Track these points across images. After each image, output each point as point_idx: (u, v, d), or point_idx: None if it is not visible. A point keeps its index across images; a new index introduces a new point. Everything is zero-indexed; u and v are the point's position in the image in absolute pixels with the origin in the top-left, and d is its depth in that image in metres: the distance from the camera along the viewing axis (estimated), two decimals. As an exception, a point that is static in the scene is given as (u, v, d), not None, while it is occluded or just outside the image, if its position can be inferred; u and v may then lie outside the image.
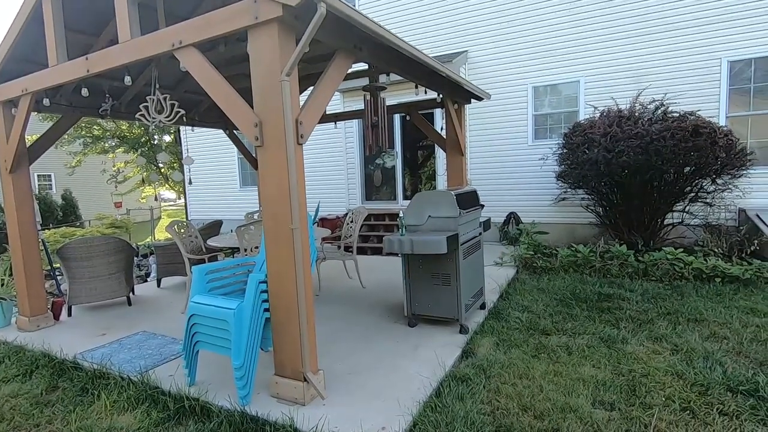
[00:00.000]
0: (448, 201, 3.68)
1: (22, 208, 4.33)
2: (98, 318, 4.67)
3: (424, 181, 10.19)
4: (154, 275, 6.48)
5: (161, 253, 5.84)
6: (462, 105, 5.67)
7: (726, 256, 5.52)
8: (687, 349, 3.26)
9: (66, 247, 4.70)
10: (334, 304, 4.70)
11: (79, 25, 4.16)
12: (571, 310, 4.27)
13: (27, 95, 3.92)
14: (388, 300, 4.76)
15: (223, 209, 11.69)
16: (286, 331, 2.68)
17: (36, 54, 4.05)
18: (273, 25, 2.47)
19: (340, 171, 9.68)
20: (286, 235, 2.61)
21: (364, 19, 2.75)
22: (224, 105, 2.73)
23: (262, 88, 2.56)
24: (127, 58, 3.13)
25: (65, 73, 3.52)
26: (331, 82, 2.88)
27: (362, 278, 5.55)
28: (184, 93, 5.90)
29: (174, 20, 4.12)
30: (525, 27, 7.89)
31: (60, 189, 19.00)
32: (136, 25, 3.16)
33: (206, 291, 3.15)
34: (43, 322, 4.43)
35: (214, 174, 11.80)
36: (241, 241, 4.26)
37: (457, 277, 3.66)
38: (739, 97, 6.69)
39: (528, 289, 5.01)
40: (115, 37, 3.49)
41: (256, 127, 2.59)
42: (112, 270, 4.95)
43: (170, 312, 4.76)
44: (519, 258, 6.15)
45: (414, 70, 4.13)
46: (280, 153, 2.55)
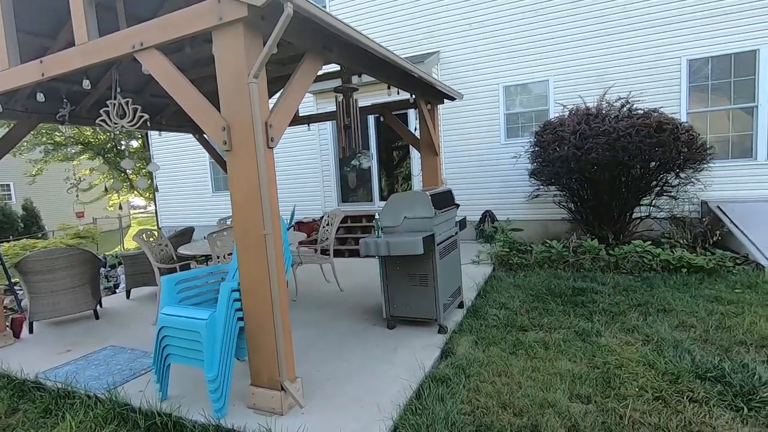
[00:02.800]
0: (423, 201, 3.67)
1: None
2: (62, 334, 4.45)
3: (400, 181, 10.21)
4: (123, 286, 6.24)
5: (130, 263, 5.62)
6: (435, 105, 5.69)
7: (691, 247, 5.73)
8: (657, 339, 3.36)
9: (25, 260, 4.46)
10: (311, 310, 4.62)
11: (32, 26, 3.96)
12: (546, 305, 4.34)
13: (-23, 101, 3.69)
14: (367, 303, 4.72)
15: (195, 215, 11.39)
16: (262, 339, 2.61)
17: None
18: (238, 25, 2.40)
19: (315, 174, 9.58)
20: (258, 241, 2.54)
21: (332, 19, 2.71)
22: (190, 109, 2.64)
23: (229, 91, 2.49)
24: (84, 60, 2.98)
25: (18, 77, 3.33)
26: (301, 83, 2.83)
27: (340, 281, 5.49)
28: (150, 96, 5.70)
29: (135, 22, 3.99)
30: (495, 28, 8.00)
31: (20, 199, 18.12)
32: (94, 26, 3.02)
33: (177, 302, 3.04)
34: (2, 340, 4.18)
35: (184, 179, 11.48)
36: (213, 248, 4.14)
37: (435, 278, 3.65)
38: (698, 94, 6.98)
39: (505, 286, 5.07)
40: (72, 40, 3.34)
41: (223, 131, 2.51)
42: (76, 283, 4.73)
43: (140, 324, 4.58)
44: (495, 256, 6.22)
45: (386, 71, 4.11)
46: (249, 157, 2.48)
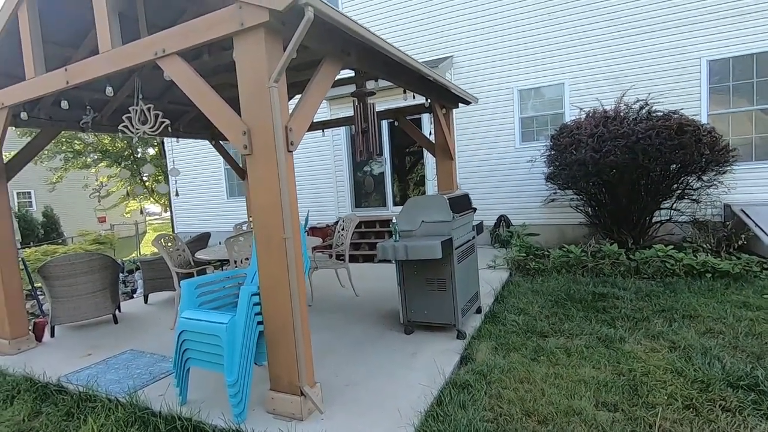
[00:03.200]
0: (441, 205, 3.64)
1: (0, 225, 4.17)
2: (83, 338, 4.51)
3: (412, 187, 10.19)
4: (141, 291, 6.31)
5: (147, 268, 5.68)
6: (450, 109, 5.67)
7: (715, 252, 5.58)
8: (684, 346, 3.26)
9: (47, 265, 4.53)
10: (327, 314, 4.61)
11: (57, 36, 4.06)
12: (566, 310, 4.26)
13: (3, 109, 3.79)
14: (383, 308, 4.69)
15: (210, 221, 11.51)
16: (281, 344, 2.60)
17: (12, 67, 3.92)
18: (259, 30, 2.42)
19: (328, 179, 9.61)
20: (278, 245, 2.53)
21: (352, 23, 2.72)
22: (211, 113, 2.66)
23: (250, 95, 2.50)
24: (108, 68, 3.04)
25: (43, 85, 3.41)
26: (319, 87, 2.84)
27: (355, 286, 5.48)
28: (168, 104, 5.80)
29: (156, 30, 4.07)
30: (508, 31, 7.97)
31: (40, 206, 18.55)
32: (117, 34, 3.08)
33: (196, 306, 3.05)
34: (25, 344, 4.25)
35: (200, 185, 11.62)
36: (231, 252, 4.16)
37: (453, 282, 3.61)
38: (719, 95, 6.83)
39: (523, 292, 4.99)
40: (96, 48, 3.41)
41: (244, 135, 2.52)
42: (96, 287, 4.80)
43: (158, 328, 4.62)
44: (512, 260, 6.14)
45: (402, 75, 4.11)
46: (270, 161, 2.49)
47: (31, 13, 3.50)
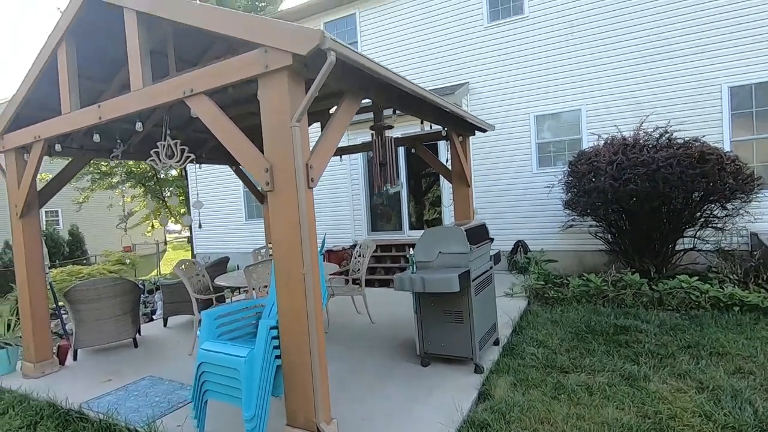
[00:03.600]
0: (458, 237, 3.65)
1: (31, 252, 4.33)
2: (104, 362, 4.59)
3: (428, 207, 10.19)
4: (160, 312, 6.41)
5: (167, 292, 5.78)
6: (467, 137, 5.72)
7: (742, 283, 5.40)
8: (713, 387, 3.14)
9: (73, 290, 4.66)
10: (344, 343, 4.60)
11: (91, 71, 4.27)
12: (587, 344, 4.16)
13: (39, 142, 3.98)
14: (399, 336, 4.66)
15: (228, 242, 11.69)
16: (299, 379, 2.60)
17: (49, 100, 4.13)
18: (283, 73, 2.51)
19: (345, 202, 9.71)
20: (297, 280, 2.57)
21: (371, 63, 2.80)
22: (235, 151, 2.75)
23: (273, 133, 2.59)
24: (138, 105, 3.18)
25: (78, 120, 3.58)
26: (339, 124, 2.91)
27: (371, 313, 5.46)
28: (192, 132, 6.00)
29: (183, 64, 4.25)
30: (524, 58, 8.05)
31: (67, 224, 19.15)
32: (148, 73, 3.23)
33: (216, 336, 3.09)
34: (49, 368, 4.35)
35: (219, 207, 11.86)
36: (249, 280, 4.22)
37: (470, 315, 3.58)
38: (742, 121, 6.73)
39: (541, 322, 4.90)
40: (127, 82, 3.58)
41: (266, 172, 2.60)
42: (118, 312, 4.90)
43: (177, 354, 4.67)
44: (530, 288, 6.05)
45: (419, 107, 4.19)
46: (290, 197, 2.55)
47: (70, 52, 3.70)
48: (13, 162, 4.26)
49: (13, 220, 4.32)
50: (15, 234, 4.34)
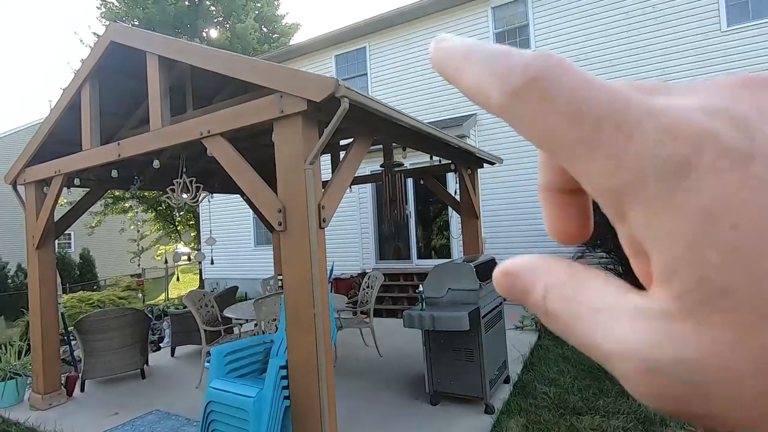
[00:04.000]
0: (467, 273, 3.64)
1: (46, 282, 4.40)
2: (111, 394, 4.57)
3: (436, 234, 10.18)
4: (168, 341, 6.40)
5: (176, 321, 5.80)
6: (474, 169, 5.78)
7: None
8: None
9: (84, 320, 4.70)
10: (351, 377, 4.54)
11: (110, 108, 4.43)
12: (600, 383, 4.06)
13: (60, 176, 4.10)
14: (408, 371, 4.59)
15: (237, 269, 11.72)
16: (308, 421, 2.58)
17: (70, 136, 4.28)
18: (297, 117, 2.60)
19: (353, 230, 9.75)
20: (307, 321, 2.58)
21: (382, 107, 2.88)
22: (249, 191, 2.82)
23: (286, 174, 2.65)
24: (157, 144, 3.29)
25: (98, 157, 3.70)
26: (351, 165, 2.98)
27: (379, 345, 5.40)
28: (205, 163, 6.13)
29: (199, 101, 4.40)
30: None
31: (79, 247, 19.39)
32: (167, 113, 3.35)
33: (224, 373, 3.09)
34: (56, 399, 4.34)
35: (228, 233, 11.96)
36: (258, 313, 4.23)
37: (481, 353, 3.53)
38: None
39: (553, 359, 4.81)
40: (144, 117, 3.71)
41: (279, 212, 2.65)
42: (127, 342, 4.91)
43: (184, 387, 4.64)
44: (540, 321, 5.96)
45: (428, 144, 4.26)
46: (302, 238, 2.59)
47: (92, 92, 3.86)
48: (33, 195, 4.38)
49: (30, 250, 4.41)
50: (30, 264, 4.42)
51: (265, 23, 18.60)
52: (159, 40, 3.33)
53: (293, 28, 19.50)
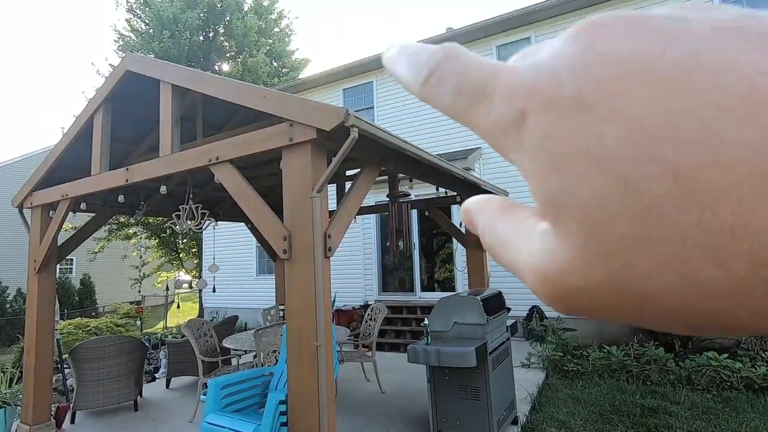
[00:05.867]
0: (474, 307, 3.55)
1: (43, 308, 4.32)
2: (102, 426, 4.40)
3: (439, 266, 10.06)
4: (164, 371, 6.22)
5: (173, 351, 5.65)
6: (480, 202, 5.76)
7: (775, 362, 5.09)
8: (757, 486, 2.85)
9: (79, 348, 4.58)
10: (353, 414, 4.36)
11: (121, 135, 4.50)
12: (613, 427, 3.87)
13: (66, 200, 4.12)
14: (411, 409, 4.41)
15: (238, 298, 11.57)
16: (306, 462, 2.44)
17: (78, 161, 4.33)
18: (306, 146, 2.61)
19: (357, 261, 9.66)
20: (309, 352, 2.49)
21: (391, 137, 2.90)
22: (255, 218, 2.80)
23: (293, 202, 2.64)
24: (165, 170, 3.30)
25: (106, 182, 3.72)
26: (358, 194, 2.97)
27: (381, 380, 5.22)
28: (211, 190, 6.16)
29: (209, 129, 4.46)
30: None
31: (80, 273, 19.30)
32: (177, 140, 3.38)
33: (221, 407, 2.96)
34: (45, 431, 4.17)
35: (229, 262, 11.88)
36: (258, 344, 4.11)
37: (488, 391, 3.39)
38: None
39: (562, 399, 4.62)
40: (154, 144, 3.75)
41: (285, 240, 2.61)
42: (121, 372, 4.77)
43: (178, 420, 4.47)
44: (548, 359, 5.78)
45: (434, 175, 4.27)
46: (307, 267, 2.54)
47: (105, 118, 3.93)
48: (39, 219, 4.39)
49: (30, 274, 4.36)
50: (30, 289, 4.36)
51: (276, 58, 19.22)
52: (173, 70, 3.41)
53: (303, 63, 20.12)
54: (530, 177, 0.16)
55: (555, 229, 0.15)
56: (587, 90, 0.14)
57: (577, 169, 0.14)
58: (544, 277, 0.16)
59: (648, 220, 0.13)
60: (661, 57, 0.13)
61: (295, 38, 31.73)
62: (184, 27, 16.29)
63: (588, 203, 0.14)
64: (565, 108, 0.15)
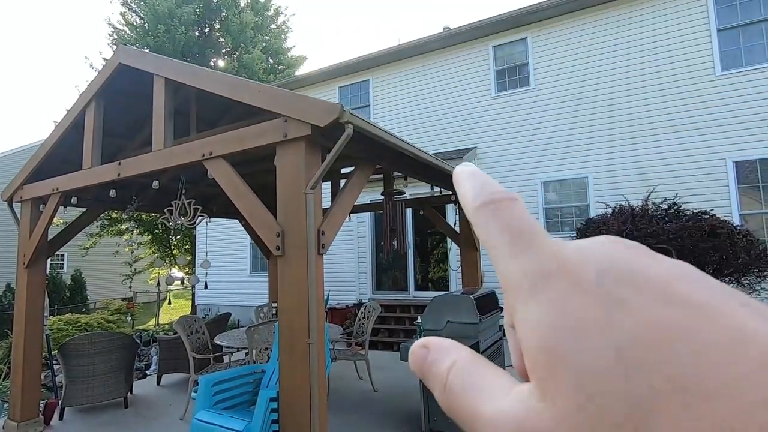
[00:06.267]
0: (467, 306, 3.56)
1: (32, 303, 4.27)
2: (91, 423, 4.35)
3: (434, 265, 10.07)
4: (155, 368, 6.18)
5: (164, 348, 5.61)
6: (475, 201, 5.77)
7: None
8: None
9: (68, 344, 4.53)
10: (345, 413, 4.35)
11: (114, 129, 4.45)
12: (604, 427, 3.89)
13: (57, 194, 4.06)
14: (402, 408, 4.41)
15: (231, 295, 11.51)
16: (296, 459, 2.43)
17: (70, 154, 4.28)
18: (301, 142, 2.59)
19: (351, 260, 9.65)
20: (302, 350, 2.48)
21: (387, 135, 2.89)
22: (248, 214, 2.78)
23: (287, 199, 2.62)
24: (158, 165, 3.27)
25: (97, 176, 3.68)
26: (352, 191, 2.96)
27: (373, 379, 5.21)
28: (204, 186, 6.11)
29: (203, 125, 4.42)
30: (530, 126, 8.32)
31: (71, 269, 19.11)
32: (170, 135, 3.35)
33: (211, 405, 2.94)
34: (33, 427, 4.12)
35: (223, 258, 11.81)
36: (251, 341, 4.09)
37: (480, 390, 3.39)
38: (750, 195, 6.76)
39: (553, 398, 4.64)
40: (147, 139, 3.71)
41: (278, 236, 2.60)
42: (112, 368, 4.72)
43: (168, 418, 4.43)
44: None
45: (429, 174, 4.26)
46: (300, 263, 2.53)
47: (97, 112, 3.88)
48: (28, 212, 4.33)
49: (19, 269, 4.31)
50: (19, 284, 4.31)
51: (272, 55, 19.13)
52: (167, 63, 3.37)
53: (299, 60, 20.04)
54: (533, 329, 0.17)
55: (541, 391, 0.16)
56: (622, 285, 0.16)
57: (590, 341, 0.15)
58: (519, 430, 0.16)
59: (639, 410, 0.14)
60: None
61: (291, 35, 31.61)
62: (179, 22, 16.17)
63: (590, 371, 0.15)
64: (596, 290, 0.16)
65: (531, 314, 0.17)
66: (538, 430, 0.15)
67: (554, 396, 0.15)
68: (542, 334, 0.16)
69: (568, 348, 0.15)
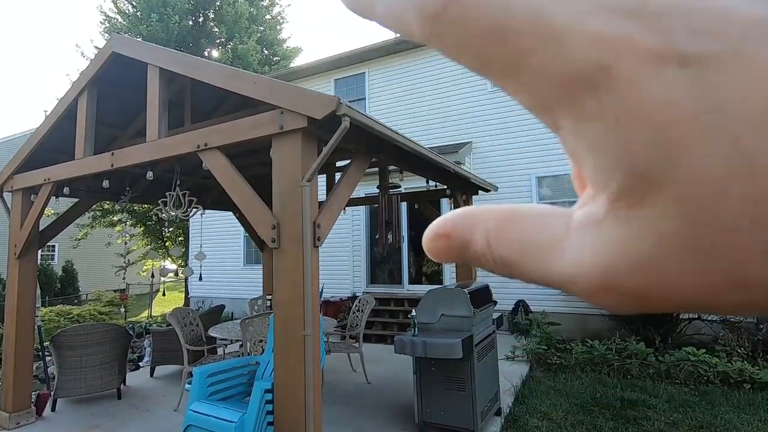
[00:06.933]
0: (461, 299, 3.58)
1: (24, 294, 4.23)
2: (83, 415, 4.34)
3: (427, 258, 10.12)
4: (148, 359, 6.16)
5: (158, 339, 5.60)
6: (470, 196, 5.79)
7: (750, 357, 5.24)
8: (730, 476, 2.95)
9: (60, 335, 4.51)
10: (338, 405, 4.38)
11: (106, 119, 4.40)
12: (594, 419, 3.95)
13: (49, 184, 4.02)
14: (396, 400, 4.45)
15: (224, 288, 11.49)
16: (291, 450, 2.44)
17: (62, 144, 4.22)
18: (297, 134, 2.58)
19: (345, 253, 9.65)
20: (297, 342, 2.48)
21: (383, 128, 2.88)
22: (244, 206, 2.77)
23: (283, 191, 2.61)
24: (152, 155, 3.24)
25: (90, 166, 3.64)
26: (348, 184, 2.95)
27: (367, 371, 5.25)
28: (199, 178, 6.06)
29: (198, 116, 4.38)
30: (526, 121, 8.33)
31: (62, 260, 18.95)
32: (165, 125, 3.32)
33: (206, 396, 2.95)
34: (24, 418, 4.11)
35: (216, 251, 11.76)
36: (245, 334, 4.09)
37: (473, 383, 3.43)
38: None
39: (544, 391, 4.70)
40: (141, 129, 3.67)
41: (273, 229, 2.59)
42: (105, 359, 4.71)
43: (162, 409, 4.43)
44: (532, 352, 5.86)
45: (425, 167, 4.27)
46: (296, 255, 2.53)
47: (90, 101, 3.83)
48: (20, 202, 4.28)
49: (10, 260, 4.26)
50: (10, 274, 4.27)
51: (267, 46, 18.93)
52: (161, 53, 3.33)
53: (295, 51, 19.85)
54: (602, 150, 0.13)
55: (631, 213, 0.12)
56: (719, 45, 0.11)
57: (691, 139, 0.11)
58: (612, 278, 0.13)
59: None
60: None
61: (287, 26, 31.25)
62: (173, 11, 15.94)
63: (698, 179, 0.11)
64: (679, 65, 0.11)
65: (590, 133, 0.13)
66: (636, 262, 0.12)
67: (651, 219, 0.12)
68: (620, 150, 0.12)
69: (665, 155, 0.12)
